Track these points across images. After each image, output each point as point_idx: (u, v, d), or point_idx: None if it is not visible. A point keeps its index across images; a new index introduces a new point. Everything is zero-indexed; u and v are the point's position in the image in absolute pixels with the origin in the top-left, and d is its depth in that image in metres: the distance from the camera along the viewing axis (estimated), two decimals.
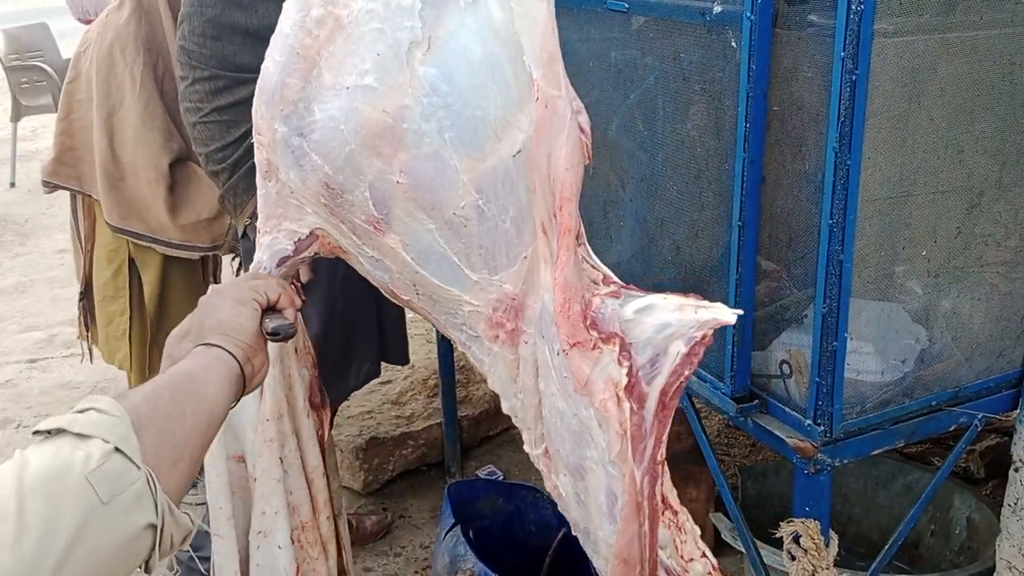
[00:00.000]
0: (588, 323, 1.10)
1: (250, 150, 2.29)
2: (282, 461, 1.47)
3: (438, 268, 1.24)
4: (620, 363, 1.07)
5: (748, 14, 1.45)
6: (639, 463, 1.09)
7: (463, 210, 1.17)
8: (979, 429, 1.69)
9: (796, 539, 1.59)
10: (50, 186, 2.89)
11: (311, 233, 1.36)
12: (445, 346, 3.14)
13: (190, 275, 2.96)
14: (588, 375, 1.09)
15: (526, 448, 1.31)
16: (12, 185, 6.75)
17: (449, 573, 2.12)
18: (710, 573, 1.19)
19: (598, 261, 1.20)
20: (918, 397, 1.60)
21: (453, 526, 2.19)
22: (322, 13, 1.18)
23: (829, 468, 1.55)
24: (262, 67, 1.26)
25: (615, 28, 1.79)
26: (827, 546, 1.59)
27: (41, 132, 8.17)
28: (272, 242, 1.37)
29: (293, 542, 1.48)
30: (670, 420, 1.09)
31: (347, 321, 2.31)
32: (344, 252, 1.37)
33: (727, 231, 1.60)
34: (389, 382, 3.52)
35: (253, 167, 2.24)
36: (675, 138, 1.70)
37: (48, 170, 2.86)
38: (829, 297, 1.46)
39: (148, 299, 2.89)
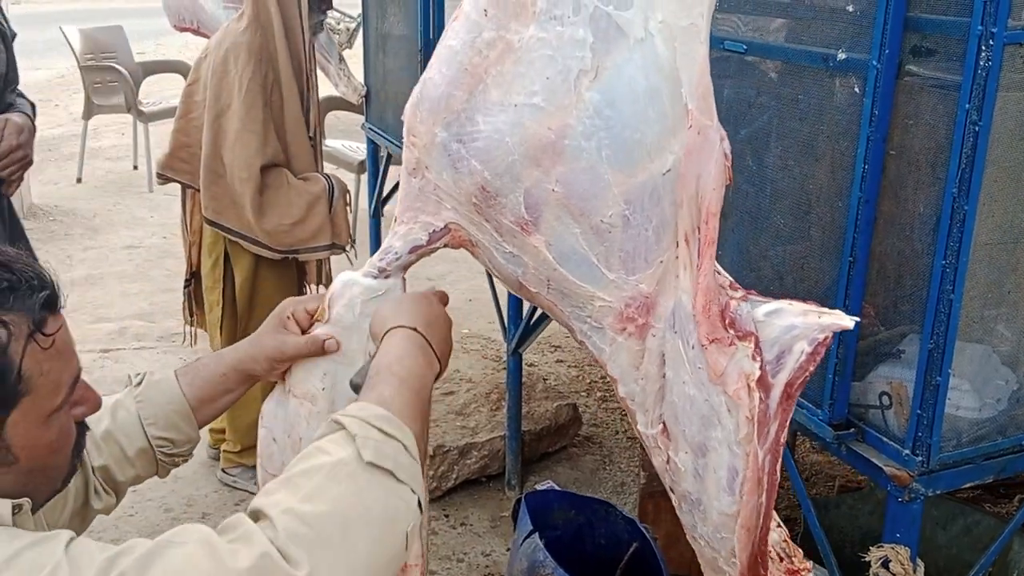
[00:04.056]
0: (727, 322, 1.24)
1: None
2: None
3: (577, 267, 1.36)
4: (753, 358, 1.21)
5: (874, 62, 1.54)
6: (763, 444, 1.23)
7: (610, 218, 1.29)
8: None
9: (885, 564, 1.66)
10: (163, 178, 3.09)
11: (445, 226, 1.48)
12: (515, 362, 3.23)
13: (281, 275, 3.09)
14: (724, 367, 1.23)
15: (640, 428, 1.43)
16: (79, 181, 6.95)
17: None
18: (785, 540, 1.35)
19: (722, 269, 1.33)
20: (1010, 435, 1.67)
21: (531, 533, 2.27)
22: (494, 36, 1.29)
23: (922, 497, 1.63)
24: (423, 77, 1.37)
25: (731, 68, 1.88)
26: (915, 572, 1.66)
27: (103, 130, 8.40)
28: (408, 232, 1.49)
29: None
30: (792, 408, 1.24)
31: None
32: (474, 246, 1.48)
33: (834, 265, 1.69)
34: (452, 393, 3.61)
35: None
36: (786, 174, 1.79)
37: (163, 163, 3.06)
38: (936, 334, 1.53)
39: (239, 292, 3.04)
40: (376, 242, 4.56)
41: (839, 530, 2.85)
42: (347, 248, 3.22)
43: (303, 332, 1.36)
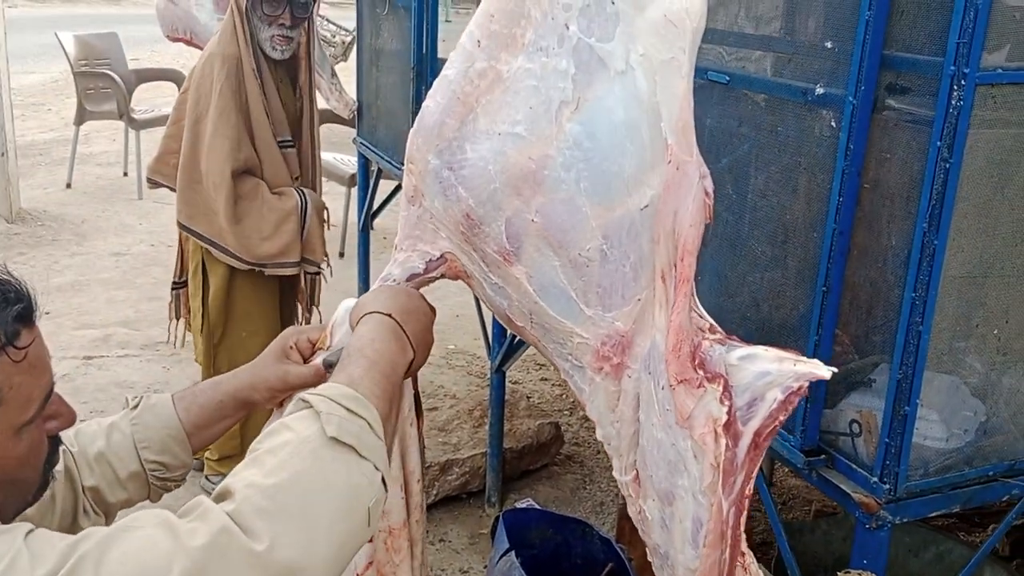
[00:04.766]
0: (696, 363, 1.21)
1: None
2: None
3: (556, 301, 1.36)
4: (722, 402, 1.17)
5: (851, 98, 1.58)
6: (728, 495, 1.19)
7: (588, 252, 1.30)
8: None
9: None
10: (152, 182, 3.12)
11: (442, 256, 1.50)
12: (498, 379, 3.25)
13: (258, 288, 3.09)
14: (691, 410, 1.19)
15: (615, 474, 1.41)
16: (68, 186, 6.95)
17: None
18: None
19: (704, 311, 1.31)
20: (977, 466, 1.71)
21: (508, 551, 2.29)
22: (485, 66, 1.32)
23: (889, 524, 1.65)
24: (423, 106, 1.40)
25: (714, 97, 1.92)
26: None
27: (94, 136, 8.41)
28: (406, 259, 1.51)
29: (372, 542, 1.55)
30: (761, 458, 1.20)
31: None
32: (468, 277, 1.49)
33: (809, 295, 1.72)
34: (435, 409, 3.63)
35: None
36: (764, 203, 1.82)
37: (152, 168, 3.10)
38: (905, 365, 1.57)
39: (212, 301, 3.05)
40: (365, 256, 4.58)
41: (813, 555, 2.87)
42: (321, 266, 3.22)
43: (305, 361, 1.37)
